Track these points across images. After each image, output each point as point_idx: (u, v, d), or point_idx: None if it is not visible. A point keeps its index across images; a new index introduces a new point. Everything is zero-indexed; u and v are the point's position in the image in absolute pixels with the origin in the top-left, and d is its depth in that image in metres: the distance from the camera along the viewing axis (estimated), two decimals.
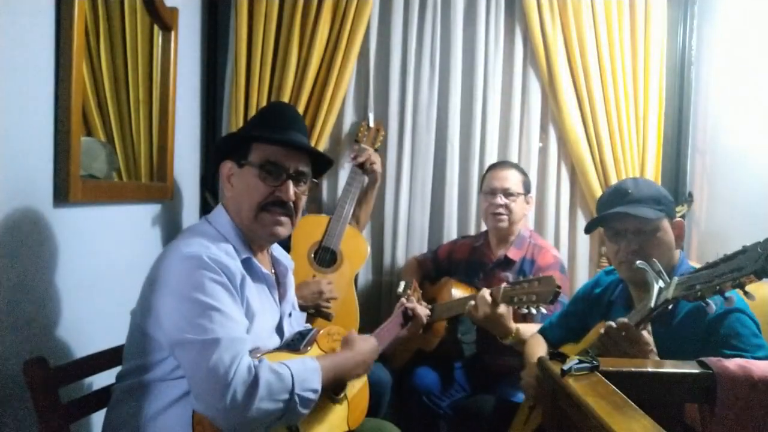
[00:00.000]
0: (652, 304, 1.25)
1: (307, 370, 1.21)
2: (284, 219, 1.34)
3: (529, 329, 1.89)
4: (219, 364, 1.09)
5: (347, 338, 1.45)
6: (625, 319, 1.29)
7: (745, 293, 1.08)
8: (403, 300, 1.81)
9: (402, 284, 2.14)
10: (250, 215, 1.31)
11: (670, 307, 1.26)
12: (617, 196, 1.56)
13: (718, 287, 1.11)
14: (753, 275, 1.04)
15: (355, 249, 2.32)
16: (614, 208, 1.53)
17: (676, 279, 1.25)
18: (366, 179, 2.40)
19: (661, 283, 1.28)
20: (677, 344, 1.35)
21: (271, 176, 1.31)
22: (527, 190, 2.28)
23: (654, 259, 1.35)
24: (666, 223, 1.52)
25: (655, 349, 1.31)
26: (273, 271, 1.44)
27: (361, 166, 2.36)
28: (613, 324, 1.29)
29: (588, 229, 1.69)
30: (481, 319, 1.86)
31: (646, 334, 1.31)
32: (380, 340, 1.57)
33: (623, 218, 1.52)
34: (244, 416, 1.10)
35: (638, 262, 1.36)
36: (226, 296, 1.17)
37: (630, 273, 1.51)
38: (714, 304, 1.17)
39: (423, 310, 1.78)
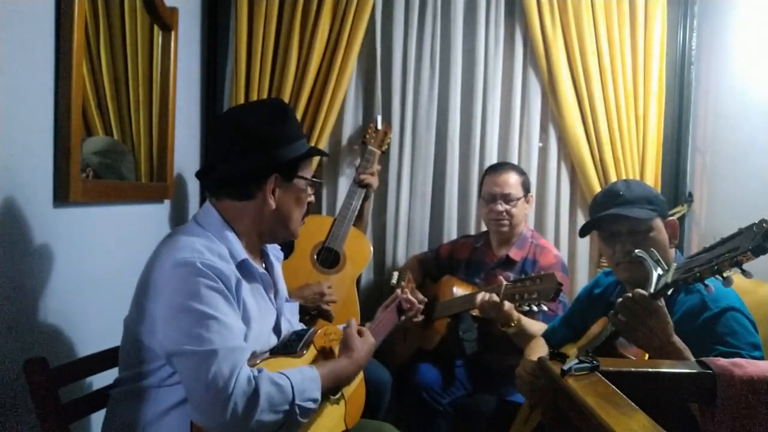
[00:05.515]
0: (652, 290, 1.26)
1: (306, 380, 1.20)
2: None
3: (531, 321, 1.89)
4: (218, 377, 1.07)
5: (346, 341, 1.41)
6: (641, 291, 1.27)
7: (743, 272, 1.09)
8: (398, 292, 1.78)
9: (395, 275, 2.11)
10: (299, 225, 1.39)
11: (669, 292, 1.26)
12: (609, 198, 1.56)
13: (716, 267, 1.12)
14: (750, 252, 1.06)
15: (358, 250, 2.32)
16: (607, 210, 1.53)
17: (674, 265, 1.25)
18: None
19: (659, 270, 1.28)
20: None
21: (312, 187, 1.40)
22: (527, 190, 2.28)
23: (652, 249, 1.35)
24: (659, 223, 1.53)
25: (671, 323, 1.28)
26: (264, 266, 1.43)
27: (360, 181, 2.31)
28: (629, 294, 1.28)
29: (582, 233, 1.68)
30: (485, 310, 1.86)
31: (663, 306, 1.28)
32: (376, 335, 1.55)
33: (617, 220, 1.52)
34: (245, 428, 1.09)
35: (636, 251, 1.36)
36: (222, 303, 1.16)
37: (628, 274, 1.51)
38: (713, 286, 1.19)
39: (419, 297, 1.76)
